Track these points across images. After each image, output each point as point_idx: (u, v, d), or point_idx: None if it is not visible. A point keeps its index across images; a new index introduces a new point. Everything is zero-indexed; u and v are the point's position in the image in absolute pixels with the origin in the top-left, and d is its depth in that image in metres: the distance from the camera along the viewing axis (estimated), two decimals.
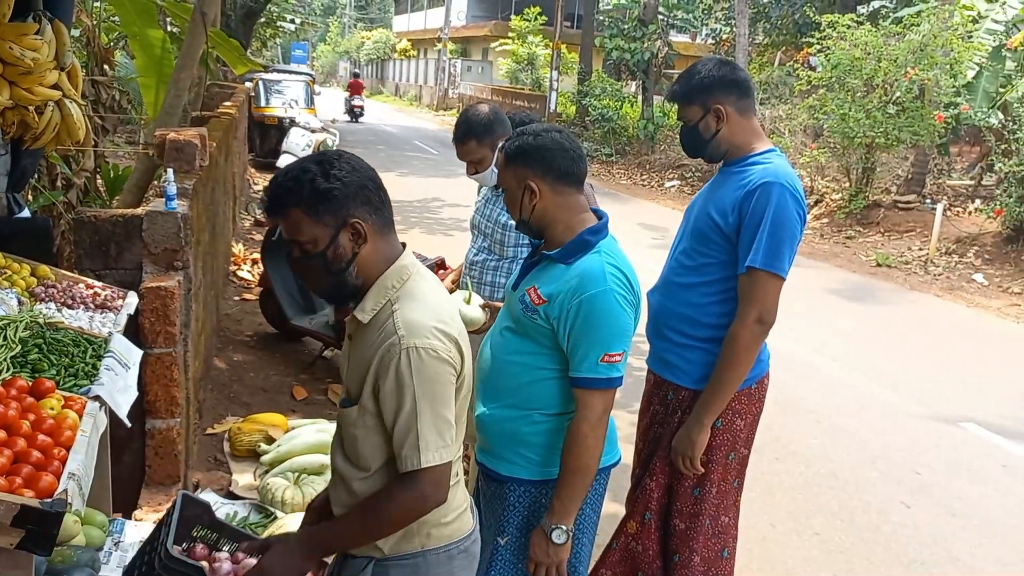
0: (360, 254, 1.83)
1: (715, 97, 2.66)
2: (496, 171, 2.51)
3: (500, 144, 3.05)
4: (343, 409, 1.90)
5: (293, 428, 4.34)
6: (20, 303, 2.80)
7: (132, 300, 3.24)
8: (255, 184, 13.16)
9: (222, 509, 3.54)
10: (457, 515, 1.96)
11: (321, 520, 2.14)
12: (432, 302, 1.86)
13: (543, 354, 2.27)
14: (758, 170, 2.61)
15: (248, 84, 14.52)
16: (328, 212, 1.79)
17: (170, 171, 3.55)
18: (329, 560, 2.07)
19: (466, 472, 2.79)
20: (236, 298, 7.16)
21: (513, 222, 2.47)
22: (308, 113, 14.80)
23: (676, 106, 2.80)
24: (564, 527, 2.23)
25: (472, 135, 3.22)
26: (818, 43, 13.34)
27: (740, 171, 2.67)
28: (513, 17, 34.21)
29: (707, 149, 2.74)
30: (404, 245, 1.94)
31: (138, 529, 3.02)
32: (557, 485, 2.25)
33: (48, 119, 3.06)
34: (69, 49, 3.11)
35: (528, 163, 2.26)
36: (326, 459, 3.98)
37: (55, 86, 3.05)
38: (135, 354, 2.84)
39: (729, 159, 2.74)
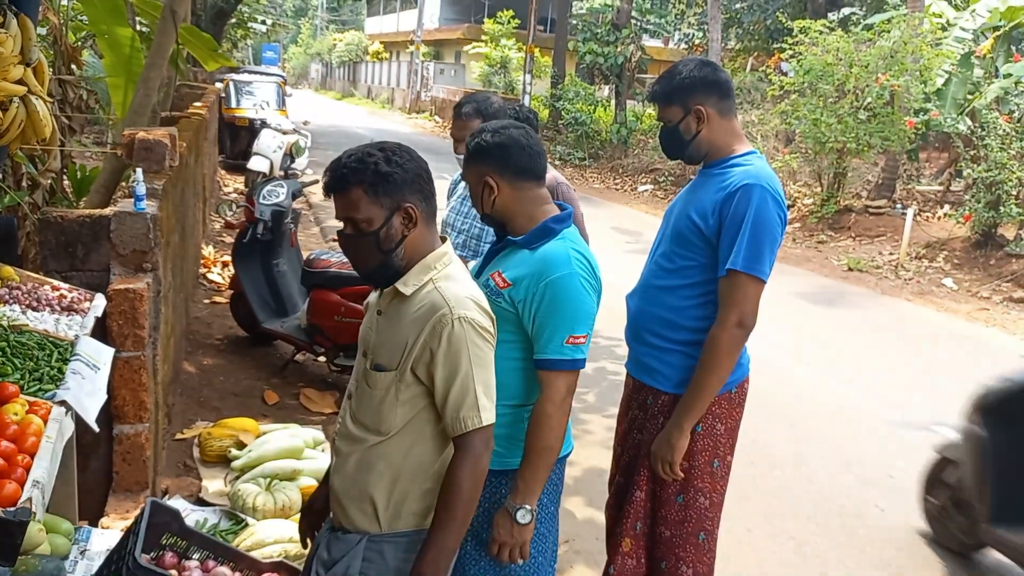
0: (408, 237, 1.98)
1: (696, 98, 2.64)
2: None
3: None
4: (375, 373, 2.00)
5: (264, 433, 4.26)
6: None
7: (100, 302, 3.17)
8: (225, 186, 13.02)
9: (192, 516, 3.47)
10: None
11: (319, 520, 2.26)
12: (470, 284, 2.05)
13: (507, 342, 2.28)
14: (739, 172, 2.60)
15: (219, 85, 14.36)
16: (386, 194, 1.94)
17: (139, 171, 3.48)
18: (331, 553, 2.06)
19: None
20: (206, 301, 7.06)
21: None
22: (279, 115, 14.66)
23: (656, 107, 2.78)
24: (528, 507, 2.25)
25: (479, 115, 3.30)
26: (790, 49, 13.46)
27: (720, 173, 2.65)
28: (486, 20, 34.20)
29: (687, 150, 2.72)
30: (443, 239, 2.09)
31: (105, 537, 2.95)
32: (521, 467, 2.28)
33: (13, 116, 2.97)
34: (35, 44, 3.03)
35: (486, 160, 2.33)
36: (298, 464, 3.92)
37: (20, 82, 2.96)
38: (105, 354, 2.78)
39: (709, 161, 2.72)
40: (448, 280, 1.99)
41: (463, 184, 3.51)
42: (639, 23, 21.76)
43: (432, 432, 2.02)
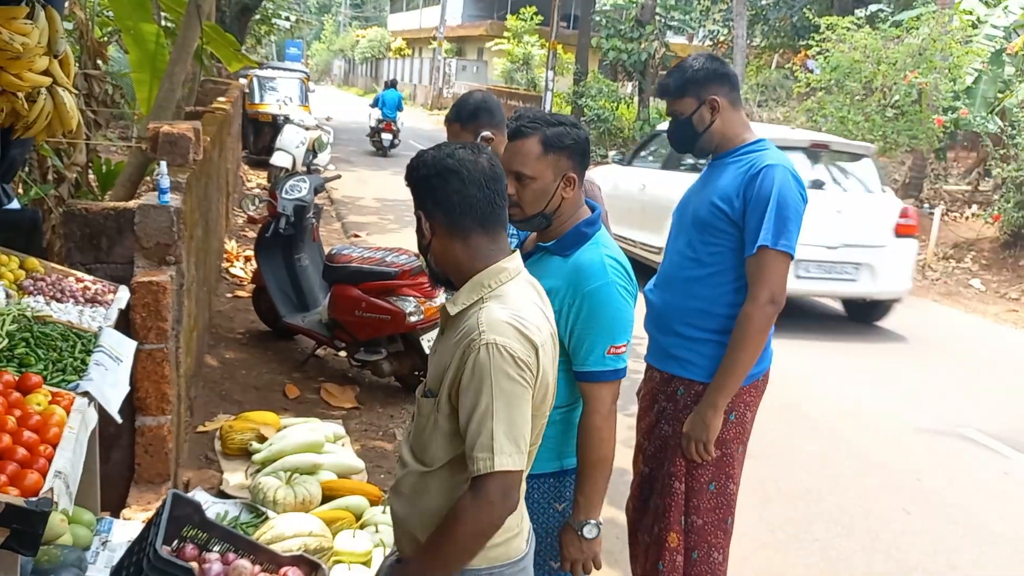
0: (431, 246, 1.86)
1: (709, 89, 2.70)
2: None
3: (484, 133, 3.01)
4: (421, 399, 1.89)
5: (285, 427, 4.27)
6: (8, 296, 2.73)
7: (123, 294, 3.18)
8: (248, 181, 13.08)
9: (212, 508, 3.47)
10: (506, 538, 1.87)
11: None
12: (520, 306, 1.82)
13: None
14: (755, 156, 2.67)
15: (242, 81, 14.43)
16: (417, 197, 1.85)
17: (163, 164, 3.48)
18: None
19: None
20: (228, 295, 7.09)
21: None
22: (302, 110, 14.71)
23: (667, 101, 2.82)
24: (593, 521, 2.22)
25: (457, 119, 3.18)
26: (817, 45, 13.32)
27: (736, 160, 2.71)
28: (509, 17, 34.16)
29: (699, 142, 2.76)
30: (517, 250, 1.93)
31: (126, 528, 2.95)
32: (577, 481, 2.24)
33: (41, 108, 2.98)
34: (62, 36, 3.03)
35: (571, 156, 2.25)
36: (318, 458, 3.92)
37: (47, 72, 2.97)
38: (128, 347, 2.78)
39: (719, 152, 2.76)
40: (497, 300, 1.80)
41: None
42: (663, 19, 21.61)
43: None
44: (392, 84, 20.02)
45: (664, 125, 5.92)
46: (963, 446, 5.54)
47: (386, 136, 18.66)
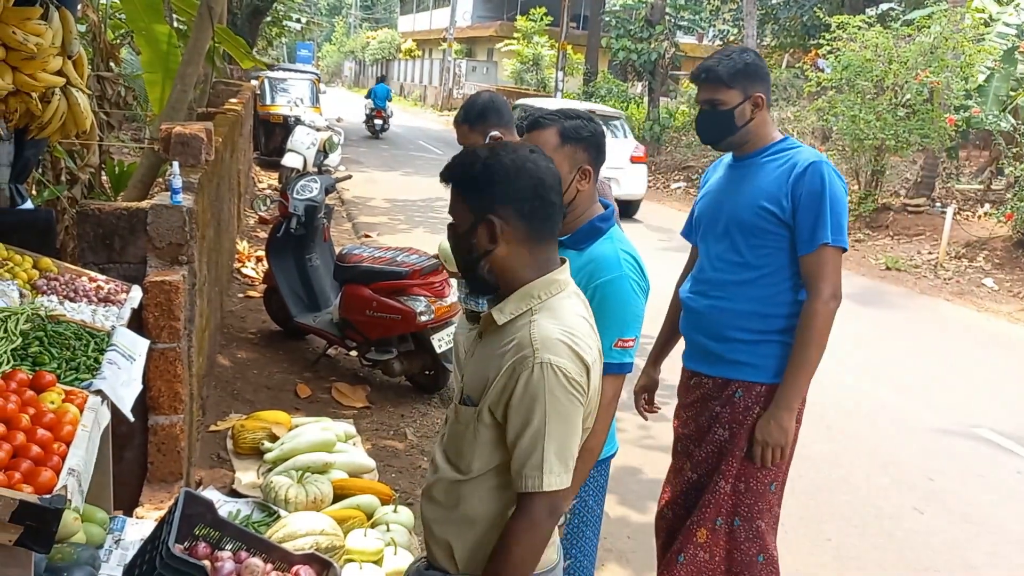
0: (496, 254, 1.77)
1: (757, 86, 2.66)
2: None
3: (493, 133, 3.02)
4: (460, 406, 1.84)
5: (297, 426, 4.28)
6: (21, 295, 2.74)
7: (136, 294, 3.19)
8: (260, 182, 13.12)
9: (225, 507, 3.48)
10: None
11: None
12: (572, 323, 1.77)
13: None
14: (792, 153, 2.65)
15: (254, 82, 14.48)
16: (474, 200, 1.77)
17: (175, 164, 3.49)
18: None
19: None
20: (240, 295, 7.11)
21: None
22: (314, 112, 14.75)
23: (706, 87, 2.70)
24: (568, 513, 2.26)
25: (465, 119, 3.19)
26: (828, 45, 13.27)
27: (771, 159, 2.67)
28: (519, 17, 34.20)
29: (734, 136, 2.70)
30: (564, 261, 1.87)
31: (139, 527, 2.96)
32: None
33: (55, 108, 3.00)
34: (76, 37, 3.05)
35: (587, 148, 2.30)
36: (330, 457, 3.93)
37: (60, 73, 2.98)
38: (141, 346, 2.79)
39: (747, 150, 2.72)
40: (547, 313, 1.76)
41: None
42: (673, 19, 21.59)
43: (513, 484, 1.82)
44: (382, 79, 24.47)
45: None
46: (976, 445, 5.51)
47: (377, 121, 22.81)
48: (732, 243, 2.70)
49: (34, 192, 4.96)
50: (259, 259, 7.98)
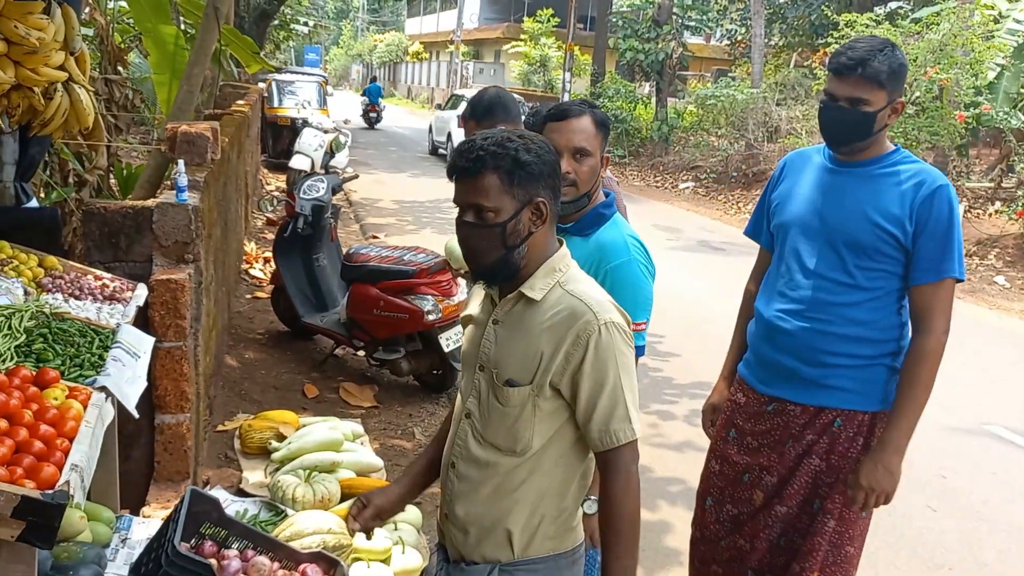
0: (534, 235, 1.81)
1: (900, 88, 2.41)
2: None
3: (499, 128, 3.00)
4: (507, 389, 1.82)
5: (304, 426, 4.27)
6: (26, 293, 2.74)
7: (141, 292, 3.18)
8: (267, 184, 13.15)
9: (232, 506, 3.47)
10: (569, 526, 1.92)
11: (380, 517, 2.08)
12: (593, 284, 1.88)
13: None
14: (915, 171, 2.41)
15: (261, 85, 14.52)
16: (521, 185, 1.77)
17: (181, 163, 3.48)
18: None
19: None
20: (248, 296, 7.11)
21: None
22: (321, 114, 14.76)
23: (855, 81, 2.37)
24: (593, 497, 2.14)
25: (472, 116, 3.17)
26: (836, 43, 13.21)
27: (888, 172, 2.44)
28: (526, 19, 34.20)
29: (864, 140, 2.43)
30: (561, 241, 1.92)
31: (146, 526, 2.95)
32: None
33: (57, 104, 2.99)
34: (78, 33, 3.04)
35: (607, 137, 2.35)
36: (337, 456, 3.91)
37: (63, 68, 2.98)
38: (146, 343, 2.77)
39: (862, 157, 2.46)
40: (578, 283, 1.83)
41: None
42: (680, 20, 21.52)
43: (570, 449, 1.86)
44: (374, 79, 33.03)
45: None
46: (989, 443, 5.46)
47: (372, 115, 27.80)
48: (840, 261, 2.47)
49: (42, 195, 4.96)
50: (267, 260, 7.99)
